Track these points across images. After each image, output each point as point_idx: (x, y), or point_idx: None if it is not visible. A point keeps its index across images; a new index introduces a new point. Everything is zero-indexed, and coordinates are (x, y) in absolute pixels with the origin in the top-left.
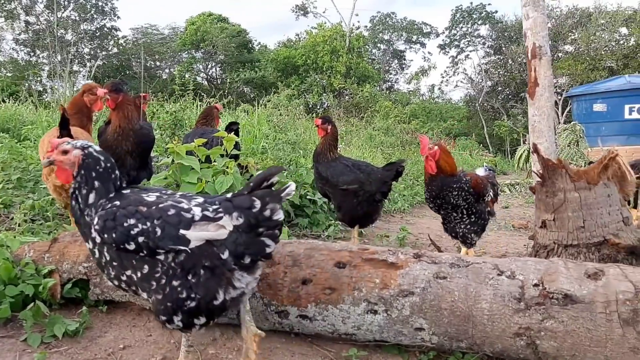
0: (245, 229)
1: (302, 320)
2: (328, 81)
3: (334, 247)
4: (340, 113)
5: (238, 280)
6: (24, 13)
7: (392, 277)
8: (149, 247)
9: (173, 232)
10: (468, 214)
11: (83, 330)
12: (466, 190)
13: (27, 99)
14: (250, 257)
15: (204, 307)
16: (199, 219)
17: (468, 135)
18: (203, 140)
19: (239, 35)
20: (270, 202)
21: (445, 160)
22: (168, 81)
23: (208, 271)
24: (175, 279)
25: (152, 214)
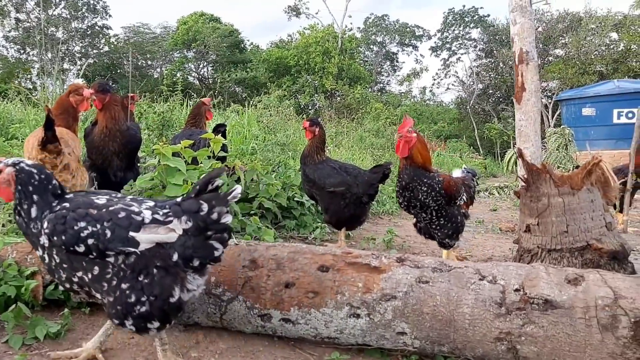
0: (194, 232)
1: (285, 323)
2: (320, 82)
3: (318, 251)
4: (332, 114)
5: (190, 283)
6: (14, 10)
7: (375, 281)
8: (98, 249)
9: (123, 234)
10: (437, 215)
11: (65, 332)
12: (437, 191)
13: (16, 97)
14: (199, 260)
15: (159, 308)
16: (149, 222)
17: (459, 137)
18: (190, 141)
19: (231, 35)
20: (217, 205)
21: (420, 150)
22: (159, 80)
23: (162, 270)
24: (125, 281)
25: (102, 216)
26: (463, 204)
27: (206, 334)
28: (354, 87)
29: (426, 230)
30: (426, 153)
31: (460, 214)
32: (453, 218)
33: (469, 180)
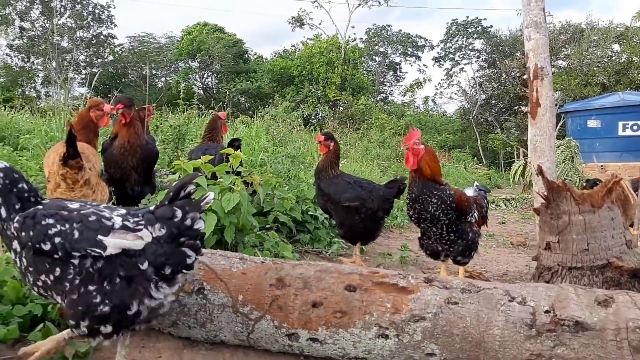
0: (167, 239)
1: (312, 343)
2: (323, 92)
3: (345, 270)
4: (335, 124)
5: (157, 291)
6: (18, 19)
7: (404, 301)
8: (64, 249)
9: (91, 235)
10: (448, 230)
11: (93, 351)
12: (447, 204)
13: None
14: (171, 268)
15: (114, 316)
16: (119, 228)
17: (462, 148)
18: (210, 157)
19: (235, 46)
20: (190, 212)
21: (428, 162)
22: (164, 90)
23: (124, 281)
24: (90, 284)
25: (72, 217)
26: (475, 222)
27: (232, 353)
28: (358, 97)
29: (432, 248)
30: (435, 165)
31: (472, 232)
32: (464, 234)
33: (481, 200)
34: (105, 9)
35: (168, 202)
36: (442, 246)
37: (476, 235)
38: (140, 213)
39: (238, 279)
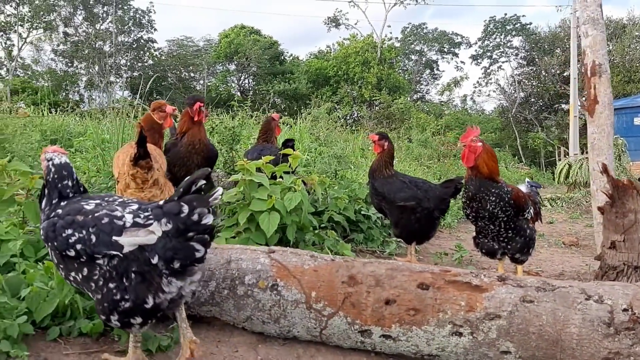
0: (174, 234)
1: (385, 340)
2: (359, 92)
3: (416, 268)
4: (373, 124)
5: (167, 285)
6: (63, 24)
7: (478, 300)
8: (87, 253)
9: (107, 238)
10: (506, 228)
11: (173, 345)
12: (506, 201)
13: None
14: (180, 262)
15: (137, 309)
16: (130, 226)
17: (501, 147)
18: (271, 157)
19: (272, 47)
20: (198, 207)
21: (486, 160)
22: (203, 92)
23: (139, 276)
24: (111, 281)
25: (87, 222)
26: (530, 219)
27: (305, 349)
28: (395, 96)
29: (488, 247)
30: (493, 163)
31: (529, 229)
32: (522, 231)
33: (535, 196)
34: (145, 13)
35: (177, 198)
36: (499, 244)
37: (533, 232)
38: (149, 207)
39: (310, 276)
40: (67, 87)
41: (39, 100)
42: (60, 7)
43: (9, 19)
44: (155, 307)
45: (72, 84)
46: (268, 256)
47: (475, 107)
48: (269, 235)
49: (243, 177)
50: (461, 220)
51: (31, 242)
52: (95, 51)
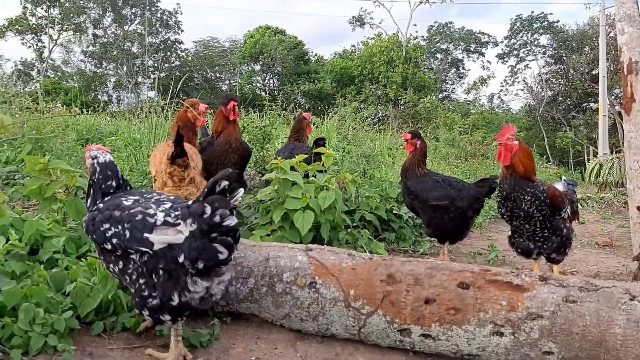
0: (198, 234)
1: (425, 339)
2: (383, 91)
3: (455, 268)
4: (399, 123)
5: (193, 285)
6: (92, 26)
7: (519, 299)
8: (121, 248)
9: (138, 235)
10: (541, 227)
11: (214, 341)
12: (541, 200)
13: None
14: (204, 263)
15: (165, 306)
16: (161, 224)
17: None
18: (304, 155)
19: (296, 47)
20: (219, 208)
21: (521, 159)
22: (228, 92)
23: (166, 273)
24: (142, 277)
25: (123, 218)
26: (567, 218)
27: (343, 347)
28: (420, 95)
29: (524, 247)
30: (528, 162)
31: (566, 228)
32: (558, 231)
33: (571, 194)
34: (172, 15)
35: (202, 199)
36: (534, 244)
37: (570, 231)
38: (180, 206)
39: (348, 274)
40: (96, 88)
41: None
42: (90, 9)
43: (40, 21)
44: (183, 304)
45: (101, 84)
46: (306, 254)
47: (502, 106)
48: (303, 233)
49: (277, 175)
50: (492, 220)
51: (72, 239)
52: (123, 52)
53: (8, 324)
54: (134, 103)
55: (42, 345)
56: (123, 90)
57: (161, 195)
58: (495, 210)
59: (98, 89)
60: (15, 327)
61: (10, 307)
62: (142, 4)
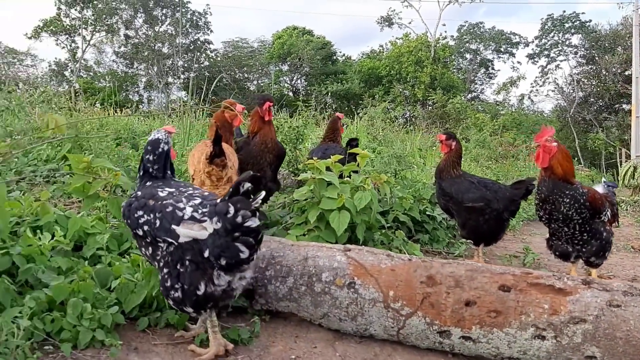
0: (222, 233)
1: (465, 341)
2: (411, 92)
3: (496, 270)
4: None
5: (217, 278)
6: (124, 27)
7: (562, 303)
8: (151, 235)
9: (167, 225)
10: (581, 230)
11: (254, 339)
12: (581, 203)
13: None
14: (226, 260)
15: (189, 296)
16: (188, 219)
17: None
18: (340, 156)
19: (324, 48)
20: (242, 209)
21: (560, 161)
22: (256, 93)
23: (193, 264)
24: (167, 266)
25: (155, 207)
26: (607, 221)
27: (381, 347)
28: (449, 95)
29: (562, 249)
30: (567, 164)
31: (606, 231)
32: (598, 234)
33: (612, 197)
34: (202, 15)
35: (227, 198)
36: (573, 247)
37: (610, 234)
38: (208, 204)
39: (388, 275)
40: (127, 88)
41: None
42: (122, 11)
43: (74, 22)
44: (208, 295)
45: (132, 84)
46: (344, 254)
47: (532, 107)
48: (339, 233)
49: (313, 175)
50: (524, 222)
51: (115, 236)
52: (154, 53)
53: (57, 318)
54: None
55: (90, 339)
56: (154, 90)
57: (195, 190)
58: (527, 212)
59: (129, 88)
60: (64, 321)
61: (59, 301)
62: (173, 5)
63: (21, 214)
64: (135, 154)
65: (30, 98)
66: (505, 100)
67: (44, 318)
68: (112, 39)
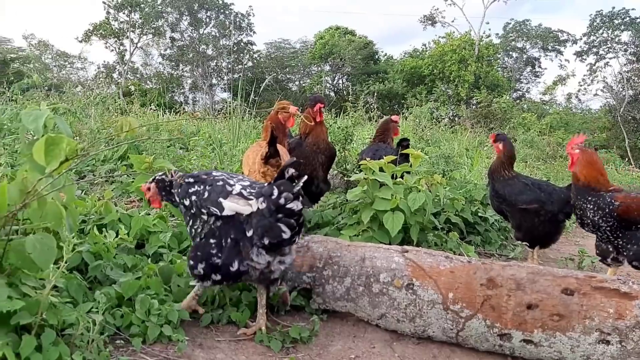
0: (266, 213)
1: (526, 344)
2: (454, 91)
3: (559, 273)
4: (472, 123)
5: (257, 256)
6: (170, 30)
7: (627, 307)
8: (197, 206)
9: (214, 197)
10: (614, 236)
11: (314, 338)
12: (606, 212)
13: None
14: (269, 239)
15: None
16: (235, 194)
17: (607, 147)
18: (393, 157)
19: (366, 48)
20: (285, 191)
21: (581, 168)
22: (298, 93)
23: (232, 242)
24: (207, 237)
25: (206, 181)
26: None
27: (439, 349)
28: (493, 94)
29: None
30: (589, 171)
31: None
32: (634, 239)
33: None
34: (245, 17)
35: (273, 182)
36: (614, 248)
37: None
38: (257, 187)
39: (447, 277)
40: (173, 89)
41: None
42: (168, 14)
43: (122, 25)
44: (241, 272)
45: (178, 86)
46: (402, 255)
47: (580, 106)
48: (393, 234)
49: (365, 176)
50: (577, 224)
51: (175, 234)
52: (199, 55)
53: (127, 314)
54: (208, 104)
55: (158, 335)
56: (198, 92)
57: (245, 177)
58: None
59: (175, 90)
60: (133, 316)
61: (127, 297)
62: (217, 8)
63: (87, 212)
64: (186, 154)
65: (87, 100)
66: (552, 100)
67: (114, 313)
68: (158, 41)
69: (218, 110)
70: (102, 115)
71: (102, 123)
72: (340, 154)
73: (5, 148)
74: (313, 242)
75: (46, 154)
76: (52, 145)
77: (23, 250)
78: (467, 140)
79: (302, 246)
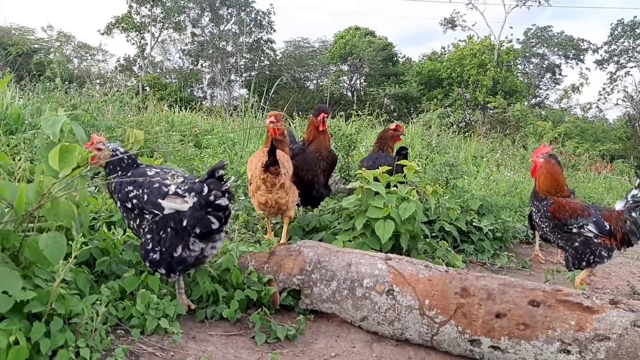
0: (198, 207)
1: (494, 350)
2: (472, 95)
3: (528, 285)
4: (487, 129)
5: (192, 244)
6: (191, 25)
7: (588, 320)
8: (139, 207)
9: (154, 199)
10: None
11: (299, 335)
12: (542, 212)
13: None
14: (200, 229)
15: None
16: (172, 193)
17: (625, 158)
18: (388, 167)
19: (385, 49)
20: (214, 190)
21: (540, 176)
22: (315, 92)
23: (173, 231)
24: (151, 232)
25: (143, 184)
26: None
27: (416, 351)
28: (511, 100)
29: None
30: (549, 180)
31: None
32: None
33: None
34: (266, 15)
35: (203, 180)
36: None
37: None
38: (189, 182)
39: (424, 284)
40: (192, 84)
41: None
42: (189, 9)
43: (144, 19)
44: (182, 259)
45: (197, 81)
46: (385, 263)
47: (599, 115)
48: (383, 241)
49: (361, 185)
50: None
51: None
52: (218, 51)
53: (128, 306)
54: (226, 100)
55: (156, 327)
56: (216, 88)
57: (177, 172)
58: None
59: (194, 85)
60: (133, 309)
61: (129, 292)
62: (238, 5)
63: (98, 210)
64: (198, 152)
65: (105, 97)
66: (569, 108)
67: (117, 305)
68: (179, 36)
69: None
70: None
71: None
72: (344, 160)
73: (25, 142)
74: (304, 246)
75: (60, 160)
76: (66, 153)
77: (37, 247)
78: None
79: (294, 250)
